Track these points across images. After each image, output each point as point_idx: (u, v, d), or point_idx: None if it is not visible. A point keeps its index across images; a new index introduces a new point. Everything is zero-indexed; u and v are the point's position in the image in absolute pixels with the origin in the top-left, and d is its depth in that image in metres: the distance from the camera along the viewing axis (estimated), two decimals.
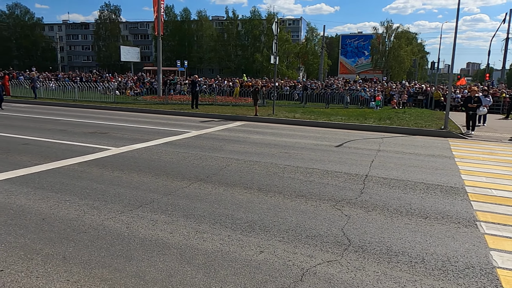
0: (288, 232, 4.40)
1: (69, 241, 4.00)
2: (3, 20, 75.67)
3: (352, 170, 7.48)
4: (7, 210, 4.81)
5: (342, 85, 29.84)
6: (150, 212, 4.90)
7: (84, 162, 7.51)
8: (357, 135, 12.54)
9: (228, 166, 7.48)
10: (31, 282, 3.23)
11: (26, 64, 65.65)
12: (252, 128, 13.38)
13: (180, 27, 69.51)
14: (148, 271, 3.45)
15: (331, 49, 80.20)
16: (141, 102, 22.51)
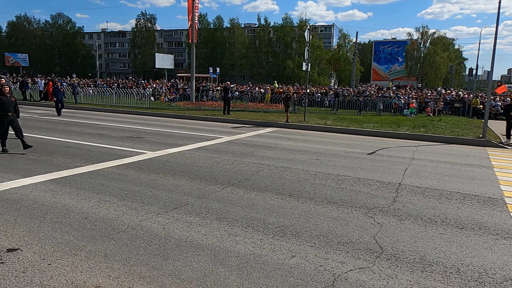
0: (319, 237, 4.44)
1: (110, 239, 4.21)
2: (47, 29, 79.86)
3: (384, 178, 7.39)
4: (53, 209, 5.12)
5: (375, 92, 29.39)
6: (185, 214, 5.07)
7: (122, 165, 7.83)
8: (390, 143, 12.34)
9: (259, 172, 7.58)
10: (76, 276, 3.44)
11: (67, 71, 68.86)
12: (283, 135, 13.45)
13: (213, 34, 70.78)
14: (183, 270, 3.59)
15: (363, 55, 79.13)
16: (175, 108, 23.10)
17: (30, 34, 78.84)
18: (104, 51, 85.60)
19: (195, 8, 26.16)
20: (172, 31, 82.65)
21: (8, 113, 8.69)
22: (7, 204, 5.24)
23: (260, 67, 68.47)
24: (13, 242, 4.07)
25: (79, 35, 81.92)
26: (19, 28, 78.63)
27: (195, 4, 26.01)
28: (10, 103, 8.78)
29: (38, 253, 3.84)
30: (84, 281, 3.36)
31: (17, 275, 3.41)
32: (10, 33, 79.95)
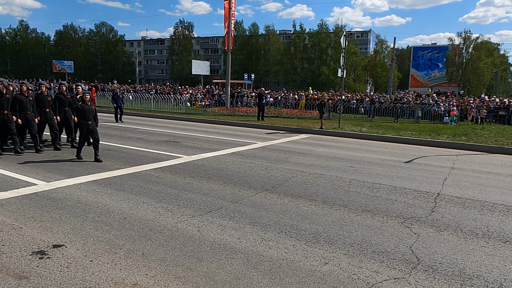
0: (353, 246, 4.38)
1: (147, 240, 4.36)
2: (91, 37, 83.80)
3: (422, 187, 7.17)
4: (95, 208, 5.37)
5: (413, 99, 28.58)
6: (219, 217, 5.16)
7: (159, 168, 8.08)
8: (428, 151, 11.95)
9: (293, 178, 7.58)
10: (115, 273, 3.59)
11: (108, 77, 71.86)
12: (317, 141, 13.36)
13: (248, 41, 71.56)
14: (217, 272, 3.66)
15: (401, 61, 77.18)
16: (210, 113, 23.52)
17: (76, 42, 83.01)
18: (143, 58, 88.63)
19: (231, 16, 26.61)
20: (208, 38, 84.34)
21: (88, 122, 8.50)
22: (53, 203, 5.55)
23: (294, 73, 68.39)
24: (58, 239, 4.31)
25: (121, 43, 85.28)
26: (65, 37, 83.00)
27: (232, 11, 26.47)
28: (90, 111, 8.60)
29: (81, 250, 4.04)
30: (122, 279, 3.50)
31: (61, 270, 3.61)
32: (58, 41, 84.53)
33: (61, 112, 10.22)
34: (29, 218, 4.93)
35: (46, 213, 5.13)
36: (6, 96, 8.88)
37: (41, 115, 9.66)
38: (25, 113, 9.14)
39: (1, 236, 4.33)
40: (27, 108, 9.18)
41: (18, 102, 9.04)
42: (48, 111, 9.83)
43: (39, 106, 9.63)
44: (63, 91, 10.49)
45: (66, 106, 10.28)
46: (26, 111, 9.16)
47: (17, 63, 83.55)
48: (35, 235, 4.38)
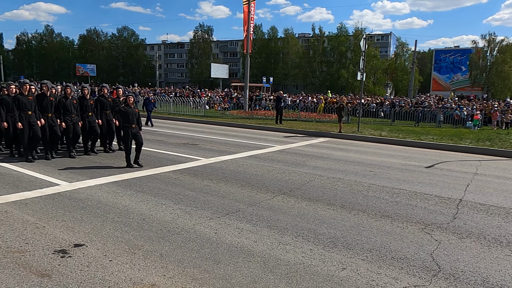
0: (372, 251, 4.32)
1: (165, 241, 4.41)
2: (113, 41, 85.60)
3: (444, 193, 7.01)
4: (115, 209, 5.47)
5: (434, 103, 28.01)
6: (236, 220, 5.17)
7: (177, 170, 8.16)
8: (450, 156, 11.69)
9: (311, 182, 7.54)
10: (133, 274, 3.64)
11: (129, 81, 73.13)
12: (336, 145, 13.24)
13: (267, 44, 71.66)
14: (234, 275, 3.67)
15: (423, 64, 75.83)
16: (228, 116, 23.64)
17: (98, 46, 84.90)
18: (163, 61, 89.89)
19: (250, 19, 26.73)
20: (227, 41, 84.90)
21: (132, 125, 8.18)
22: (75, 203, 5.68)
23: (313, 76, 68.08)
24: (79, 238, 4.40)
25: (142, 47, 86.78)
26: (89, 41, 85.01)
27: (251, 15, 26.59)
28: (134, 115, 8.27)
29: (101, 250, 4.11)
30: (141, 279, 3.54)
31: (82, 269, 3.69)
32: (81, 45, 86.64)
33: (103, 116, 9.88)
34: (52, 217, 5.06)
35: (68, 212, 5.25)
36: (50, 99, 8.76)
37: (84, 119, 9.36)
38: (70, 117, 8.95)
39: (25, 234, 4.46)
40: (71, 111, 8.97)
41: (62, 105, 8.85)
42: (90, 115, 9.52)
43: (81, 110, 9.33)
44: (105, 94, 10.14)
45: (108, 109, 9.97)
46: (71, 114, 8.96)
47: (43, 66, 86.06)
48: (57, 234, 4.49)
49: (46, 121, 8.60)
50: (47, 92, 8.76)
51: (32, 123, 8.31)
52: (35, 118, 8.39)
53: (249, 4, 26.24)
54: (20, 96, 8.29)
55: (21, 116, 8.23)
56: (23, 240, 4.30)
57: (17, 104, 8.23)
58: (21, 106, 8.24)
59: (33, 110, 8.38)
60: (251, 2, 26.24)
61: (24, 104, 8.25)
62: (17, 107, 8.23)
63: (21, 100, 8.26)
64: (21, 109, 8.24)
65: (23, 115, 8.25)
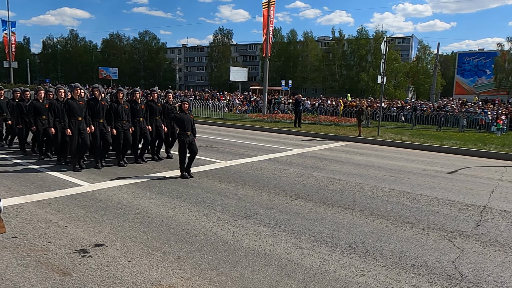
0: (391, 258, 4.23)
1: (183, 243, 4.44)
2: (135, 45, 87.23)
3: (467, 199, 6.83)
4: (134, 210, 5.55)
5: (457, 107, 27.36)
6: (254, 223, 5.17)
7: (195, 172, 8.22)
8: (474, 161, 11.38)
9: (329, 186, 7.47)
10: (151, 275, 3.68)
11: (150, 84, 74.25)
12: (355, 149, 13.09)
13: (286, 48, 71.62)
14: (251, 279, 3.66)
15: (445, 67, 74.24)
16: (247, 119, 23.71)
17: (121, 50, 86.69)
18: (183, 64, 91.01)
19: (270, 23, 26.78)
20: (246, 45, 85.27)
21: (187, 132, 7.65)
22: (96, 203, 5.79)
23: (332, 80, 67.60)
24: (99, 238, 4.48)
25: (162, 50, 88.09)
26: (111, 45, 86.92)
27: (270, 18, 26.64)
28: (189, 121, 7.75)
29: (120, 250, 4.18)
30: (159, 280, 3.58)
31: (102, 268, 3.75)
32: (104, 49, 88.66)
33: (152, 122, 9.25)
34: (74, 217, 5.17)
35: (89, 213, 5.36)
36: (102, 104, 8.29)
37: (135, 125, 8.80)
38: (121, 123, 8.40)
39: (48, 233, 4.57)
40: (123, 117, 8.42)
41: (114, 110, 8.33)
42: (142, 121, 8.94)
43: (132, 115, 8.78)
44: (154, 99, 9.47)
45: (157, 114, 9.36)
46: (122, 120, 8.41)
47: (67, 70, 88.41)
48: (78, 234, 4.58)
49: (97, 128, 8.16)
50: (98, 96, 8.28)
51: (81, 130, 7.86)
52: (84, 124, 7.95)
53: (268, 8, 26.30)
54: (71, 101, 7.83)
55: (71, 122, 7.79)
56: (46, 239, 4.41)
57: (68, 110, 7.78)
58: (72, 112, 7.79)
59: (83, 116, 7.93)
60: (270, 5, 26.30)
61: (74, 109, 7.78)
62: (67, 113, 7.78)
63: (71, 105, 7.79)
64: (71, 114, 7.78)
65: (73, 121, 7.81)
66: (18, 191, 6.32)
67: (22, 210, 5.36)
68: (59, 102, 8.27)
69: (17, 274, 3.58)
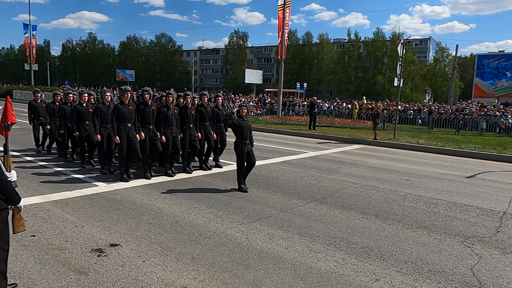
0: (407, 263, 4.16)
1: (197, 244, 4.46)
2: (152, 48, 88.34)
3: (486, 205, 6.67)
4: (149, 211, 5.60)
5: (476, 110, 26.80)
6: (267, 226, 5.15)
7: (210, 174, 8.26)
8: (493, 166, 11.12)
9: (344, 189, 7.40)
10: (165, 275, 3.70)
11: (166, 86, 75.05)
12: (371, 152, 12.94)
13: (302, 50, 71.40)
14: (264, 282, 3.65)
15: (464, 70, 72.87)
16: (261, 121, 23.69)
17: (137, 52, 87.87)
18: (199, 67, 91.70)
19: (285, 25, 26.76)
20: (262, 47, 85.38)
21: (245, 141, 6.96)
22: (112, 204, 5.87)
23: (348, 82, 67.07)
24: (115, 238, 4.54)
25: (178, 53, 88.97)
26: (128, 47, 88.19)
27: (285, 21, 26.62)
28: (248, 128, 7.07)
29: (135, 250, 4.22)
30: (173, 281, 3.60)
31: (117, 268, 3.79)
32: (121, 52, 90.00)
33: (201, 128, 8.59)
34: (90, 217, 5.25)
35: (105, 213, 5.43)
36: (152, 109, 7.68)
37: (184, 132, 8.11)
38: (170, 129, 7.73)
39: (65, 232, 4.66)
40: (172, 123, 7.75)
41: (164, 116, 7.68)
42: (192, 127, 8.22)
43: (182, 121, 8.06)
44: (204, 103, 8.74)
45: (207, 120, 8.68)
46: (171, 126, 7.73)
47: (85, 72, 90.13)
48: (94, 234, 4.65)
49: (147, 135, 7.57)
50: (148, 100, 7.64)
51: (131, 137, 7.28)
52: (134, 131, 7.36)
53: (284, 10, 26.29)
54: (121, 106, 7.24)
55: (120, 128, 7.20)
56: (63, 238, 4.49)
57: (117, 115, 7.19)
58: (121, 117, 7.18)
59: (132, 122, 7.31)
60: (286, 7, 26.29)
61: (124, 115, 7.19)
62: (116, 118, 7.19)
63: (121, 110, 7.20)
64: (120, 120, 7.18)
65: (122, 127, 7.21)
66: (37, 190, 6.46)
67: (41, 209, 5.47)
68: (105, 106, 7.76)
69: (35, 272, 3.65)
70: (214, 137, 8.77)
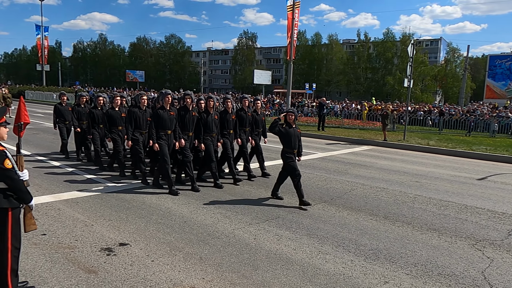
0: (416, 266, 4.12)
1: (205, 244, 4.47)
2: (161, 48, 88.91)
3: (497, 207, 6.58)
4: (158, 211, 5.63)
5: (488, 111, 26.45)
6: (276, 227, 5.15)
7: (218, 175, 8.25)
8: (505, 168, 10.96)
9: (353, 191, 7.35)
10: (174, 275, 3.72)
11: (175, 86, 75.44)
12: (380, 153, 12.85)
13: (311, 51, 71.24)
14: (272, 283, 3.64)
15: (475, 71, 71.96)
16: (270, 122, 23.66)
17: (147, 53, 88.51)
18: (208, 67, 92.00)
19: (294, 26, 26.71)
20: (270, 48, 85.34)
21: (293, 150, 6.29)
22: (121, 203, 5.91)
23: (357, 83, 66.69)
24: (124, 237, 4.57)
25: (188, 54, 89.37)
26: (138, 48, 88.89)
27: (295, 21, 26.58)
28: (296, 137, 6.32)
29: (144, 250, 4.25)
30: (181, 280, 3.61)
31: (126, 267, 3.82)
32: (131, 52, 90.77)
33: (241, 134, 7.99)
34: (100, 216, 5.30)
35: (115, 212, 5.48)
36: (193, 114, 7.04)
37: (225, 138, 7.58)
38: (210, 136, 7.23)
39: (75, 231, 4.70)
40: (212, 129, 7.22)
41: (204, 122, 7.12)
42: (231, 133, 7.72)
43: (222, 127, 7.54)
44: (245, 107, 8.07)
45: (247, 126, 8.10)
46: (211, 133, 7.22)
47: (96, 73, 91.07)
48: (104, 233, 4.69)
49: (189, 143, 7.08)
50: (190, 105, 7.05)
51: (171, 145, 6.77)
52: (173, 138, 6.78)
53: (293, 11, 26.25)
54: (161, 111, 6.62)
55: (160, 135, 6.62)
56: (73, 237, 4.54)
57: (157, 121, 6.60)
58: (162, 124, 6.58)
59: (173, 128, 6.76)
60: (295, 8, 26.25)
61: (165, 121, 6.59)
62: (155, 125, 6.59)
63: (162, 116, 6.58)
64: (160, 127, 6.59)
65: (162, 134, 6.63)
66: (48, 189, 6.54)
67: (51, 208, 5.54)
68: (141, 111, 7.23)
69: (45, 270, 3.69)
70: (252, 144, 8.21)
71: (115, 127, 7.93)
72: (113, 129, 7.93)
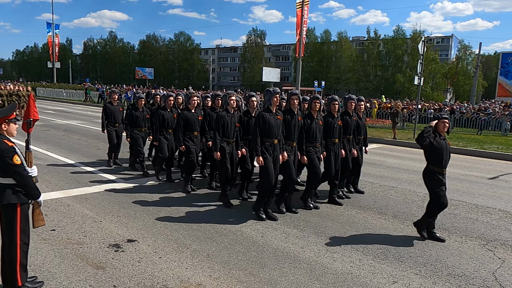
0: (426, 266, 4.07)
1: (212, 241, 4.47)
2: (170, 46, 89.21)
3: (509, 207, 6.47)
4: (166, 208, 5.65)
5: (500, 109, 26.05)
6: (283, 225, 5.13)
7: None
8: None
9: (361, 189, 7.29)
10: (181, 272, 3.72)
11: (184, 84, 75.76)
12: (389, 152, 12.73)
13: (320, 48, 70.84)
14: (279, 281, 3.63)
15: (487, 68, 70.90)
16: None
17: (156, 51, 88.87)
18: (217, 65, 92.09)
19: (303, 23, 26.58)
20: (279, 45, 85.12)
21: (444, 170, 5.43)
22: (130, 200, 5.94)
23: (367, 81, 66.22)
24: (132, 234, 4.59)
25: (196, 51, 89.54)
26: (148, 46, 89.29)
27: (304, 19, 26.45)
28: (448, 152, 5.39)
29: (152, 246, 4.26)
30: (188, 277, 3.62)
31: (133, 264, 3.84)
32: (141, 50, 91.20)
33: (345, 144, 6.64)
34: (108, 212, 5.33)
35: (123, 209, 5.50)
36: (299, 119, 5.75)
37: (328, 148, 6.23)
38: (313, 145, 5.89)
39: (84, 227, 4.74)
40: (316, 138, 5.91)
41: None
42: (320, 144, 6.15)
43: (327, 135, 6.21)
44: (350, 110, 6.66)
45: (351, 133, 6.75)
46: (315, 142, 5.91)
47: (106, 70, 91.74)
48: (112, 229, 4.72)
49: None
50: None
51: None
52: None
53: (302, 8, 26.12)
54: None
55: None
56: (82, 232, 4.57)
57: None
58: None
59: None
60: (304, 5, 26.11)
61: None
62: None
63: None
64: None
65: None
66: (58, 185, 6.60)
67: (61, 204, 5.59)
68: (229, 115, 5.94)
69: (54, 266, 3.73)
70: (354, 154, 6.75)
71: (190, 132, 6.65)
72: (187, 134, 6.64)
